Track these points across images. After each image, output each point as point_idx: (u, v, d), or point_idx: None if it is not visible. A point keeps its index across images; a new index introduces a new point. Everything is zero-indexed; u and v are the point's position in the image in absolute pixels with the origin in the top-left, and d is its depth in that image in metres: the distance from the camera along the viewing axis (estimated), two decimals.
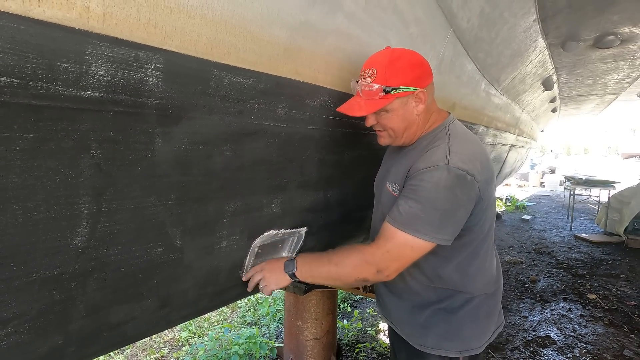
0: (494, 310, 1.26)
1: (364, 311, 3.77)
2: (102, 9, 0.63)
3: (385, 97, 1.07)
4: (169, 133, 0.82)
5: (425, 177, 1.03)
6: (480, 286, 1.20)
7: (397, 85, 1.07)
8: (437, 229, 1.02)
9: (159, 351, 3.11)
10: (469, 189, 1.04)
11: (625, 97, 5.58)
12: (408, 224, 1.03)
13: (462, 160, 1.04)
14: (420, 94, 1.11)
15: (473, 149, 1.12)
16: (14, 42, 0.56)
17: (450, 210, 1.03)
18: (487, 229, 1.18)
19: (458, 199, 1.03)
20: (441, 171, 1.02)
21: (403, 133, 1.16)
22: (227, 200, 1.05)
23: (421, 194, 1.03)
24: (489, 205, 1.15)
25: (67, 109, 0.65)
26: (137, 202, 0.82)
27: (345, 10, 1.12)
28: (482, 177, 1.07)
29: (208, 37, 0.81)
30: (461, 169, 1.02)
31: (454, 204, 1.03)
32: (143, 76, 0.73)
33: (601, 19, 2.37)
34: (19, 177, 0.63)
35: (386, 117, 1.13)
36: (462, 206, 1.05)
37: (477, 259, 1.18)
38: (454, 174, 1.01)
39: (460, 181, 1.02)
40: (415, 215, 1.02)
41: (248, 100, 0.96)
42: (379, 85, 1.06)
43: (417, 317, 1.21)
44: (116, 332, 0.92)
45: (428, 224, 1.02)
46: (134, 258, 0.86)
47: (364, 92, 1.09)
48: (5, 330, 0.69)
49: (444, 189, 1.01)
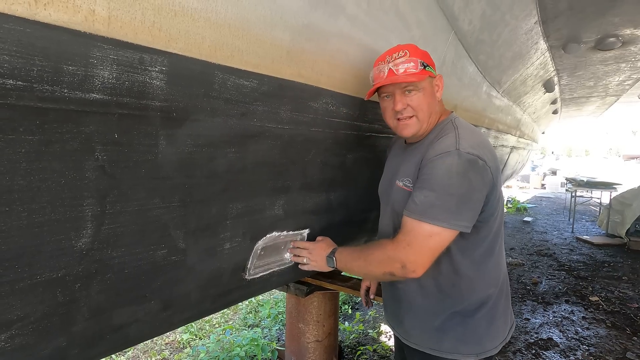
0: (507, 310, 1.24)
1: (365, 313, 3.77)
2: (107, 12, 0.64)
3: (423, 72, 1.10)
4: (172, 135, 0.82)
5: (436, 165, 1.03)
6: (495, 284, 1.18)
7: (428, 63, 1.12)
8: (455, 215, 1.01)
9: (160, 353, 3.10)
10: (482, 173, 1.03)
11: (626, 99, 5.58)
12: (425, 213, 1.01)
13: (471, 145, 1.04)
14: (439, 80, 1.17)
15: (481, 138, 1.13)
16: (20, 45, 0.56)
17: (466, 195, 1.02)
18: (500, 223, 1.17)
19: (472, 183, 1.02)
20: (452, 157, 1.01)
21: (428, 118, 1.15)
22: (230, 202, 1.05)
23: (434, 181, 1.02)
24: (501, 197, 1.14)
25: (72, 112, 0.65)
26: (141, 204, 0.82)
27: (348, 13, 1.12)
28: (493, 164, 1.07)
29: (212, 39, 0.81)
30: (472, 153, 1.02)
31: (468, 189, 1.02)
32: (147, 79, 0.73)
33: (602, 21, 2.38)
34: (25, 179, 0.63)
35: (418, 97, 1.12)
36: (477, 190, 1.03)
37: (492, 255, 1.16)
38: (465, 158, 1.01)
39: (473, 165, 1.02)
40: (431, 203, 1.01)
41: (251, 102, 0.96)
42: (416, 59, 1.09)
43: (432, 322, 1.18)
44: (119, 334, 0.92)
45: (445, 211, 1.00)
46: (137, 260, 0.87)
47: (403, 70, 1.09)
48: (10, 332, 0.70)
49: (456, 174, 1.01)
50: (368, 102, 1.40)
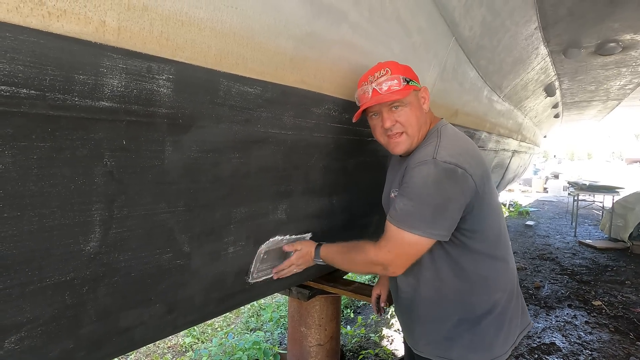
0: (516, 313, 1.23)
1: (367, 317, 3.76)
2: (117, 23, 0.66)
3: (407, 87, 1.11)
4: (178, 141, 0.84)
5: (414, 174, 1.05)
6: (502, 289, 1.17)
7: (410, 78, 1.13)
8: (430, 224, 1.03)
9: (163, 357, 3.11)
10: (461, 182, 1.03)
11: (628, 103, 5.58)
12: (403, 221, 1.05)
13: (450, 154, 1.04)
14: (424, 92, 1.18)
15: (463, 145, 1.12)
16: (34, 55, 0.58)
17: (442, 205, 1.03)
18: (499, 227, 1.17)
19: (448, 192, 1.03)
20: (428, 166, 1.03)
21: (418, 132, 1.16)
22: (234, 207, 1.06)
23: (411, 190, 1.05)
24: (493, 204, 1.14)
25: (82, 119, 0.67)
26: (147, 209, 0.84)
27: (350, 20, 1.14)
28: (475, 171, 1.05)
29: (217, 48, 0.83)
30: (449, 162, 1.02)
31: (444, 198, 1.03)
32: (155, 87, 0.75)
33: (602, 26, 2.39)
34: (36, 185, 0.65)
35: (405, 112, 1.13)
36: (453, 200, 1.04)
37: (496, 260, 1.16)
38: (442, 167, 1.02)
39: (449, 174, 1.02)
40: (408, 212, 1.04)
41: (255, 109, 0.98)
42: (399, 75, 1.11)
43: (440, 330, 1.18)
44: (125, 337, 0.93)
45: (421, 220, 1.03)
46: (143, 264, 0.88)
47: (386, 88, 1.10)
48: (20, 334, 0.71)
49: (432, 184, 1.02)
50: None
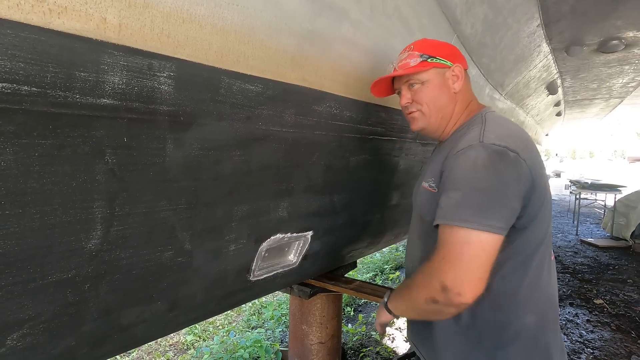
0: (549, 348, 0.96)
1: (368, 315, 3.77)
2: (118, 20, 0.66)
3: (422, 64, 1.05)
4: (180, 139, 0.84)
5: (459, 161, 0.90)
6: (533, 310, 0.94)
7: (434, 55, 1.06)
8: (485, 213, 0.82)
9: (165, 354, 3.12)
10: (515, 166, 0.86)
11: (630, 101, 5.56)
12: (452, 216, 0.85)
13: (498, 137, 0.90)
14: (457, 69, 1.07)
15: (513, 128, 0.97)
16: (35, 52, 0.58)
17: (498, 191, 0.84)
18: (544, 233, 0.96)
19: (503, 177, 0.85)
20: (476, 150, 0.88)
21: (438, 112, 1.07)
22: (235, 205, 1.06)
23: (457, 179, 0.89)
24: (546, 200, 0.94)
25: (83, 116, 0.67)
26: (149, 207, 0.84)
27: (352, 18, 1.14)
28: (529, 156, 0.89)
29: (218, 45, 0.83)
30: (499, 144, 0.87)
31: (500, 183, 0.85)
32: (156, 84, 0.75)
33: (605, 24, 2.38)
34: (37, 182, 0.65)
35: (421, 90, 1.07)
36: (510, 184, 0.85)
37: (527, 271, 0.93)
38: (492, 150, 0.87)
39: (502, 157, 0.86)
40: (457, 203, 0.86)
41: (256, 106, 0.98)
42: (417, 52, 1.06)
43: (456, 353, 0.99)
44: (126, 334, 0.94)
45: (472, 208, 0.83)
46: (145, 261, 0.88)
47: (401, 65, 1.08)
48: (22, 332, 0.71)
49: (483, 168, 0.86)
50: (371, 105, 1.41)
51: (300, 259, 1.45)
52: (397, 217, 2.09)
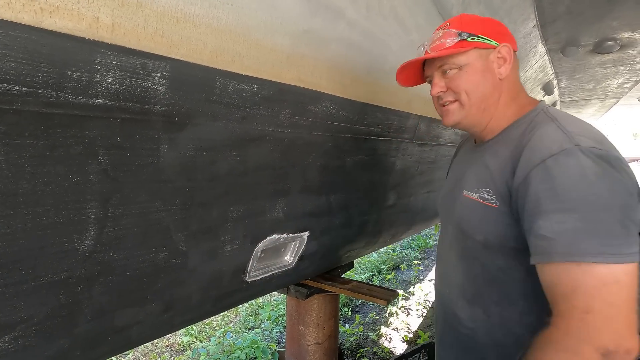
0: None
1: (365, 316, 3.77)
2: (111, 20, 0.65)
3: (461, 43, 0.85)
4: (174, 139, 0.84)
5: (557, 172, 0.69)
6: None
7: (475, 33, 0.86)
8: (624, 239, 0.64)
9: (161, 356, 3.11)
10: (628, 172, 0.71)
11: (626, 102, 5.59)
12: (578, 249, 0.65)
13: (593, 139, 0.72)
14: (504, 50, 0.87)
15: (594, 128, 0.79)
16: (26, 52, 0.57)
17: (625, 206, 0.67)
18: None
19: (626, 186, 0.69)
20: (576, 156, 0.69)
21: (480, 103, 0.88)
22: (231, 205, 1.06)
23: (567, 197, 0.68)
24: None
25: (76, 117, 0.66)
26: (143, 207, 0.84)
27: (348, 18, 1.14)
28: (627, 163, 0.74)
29: (213, 45, 0.82)
30: (600, 148, 0.70)
31: (623, 194, 0.68)
32: (150, 84, 0.74)
33: (600, 25, 2.39)
34: (29, 183, 0.64)
35: (459, 77, 0.87)
36: (633, 196, 0.69)
37: None
38: (597, 154, 0.69)
39: (613, 163, 0.69)
40: (579, 230, 0.66)
41: (251, 106, 0.98)
42: (455, 30, 0.86)
43: None
44: (121, 336, 0.93)
45: (607, 236, 0.64)
46: (139, 262, 0.88)
47: (435, 46, 0.89)
48: (14, 334, 0.71)
49: (596, 178, 0.67)
50: (367, 106, 1.41)
51: (297, 260, 1.45)
52: (394, 217, 2.09)
